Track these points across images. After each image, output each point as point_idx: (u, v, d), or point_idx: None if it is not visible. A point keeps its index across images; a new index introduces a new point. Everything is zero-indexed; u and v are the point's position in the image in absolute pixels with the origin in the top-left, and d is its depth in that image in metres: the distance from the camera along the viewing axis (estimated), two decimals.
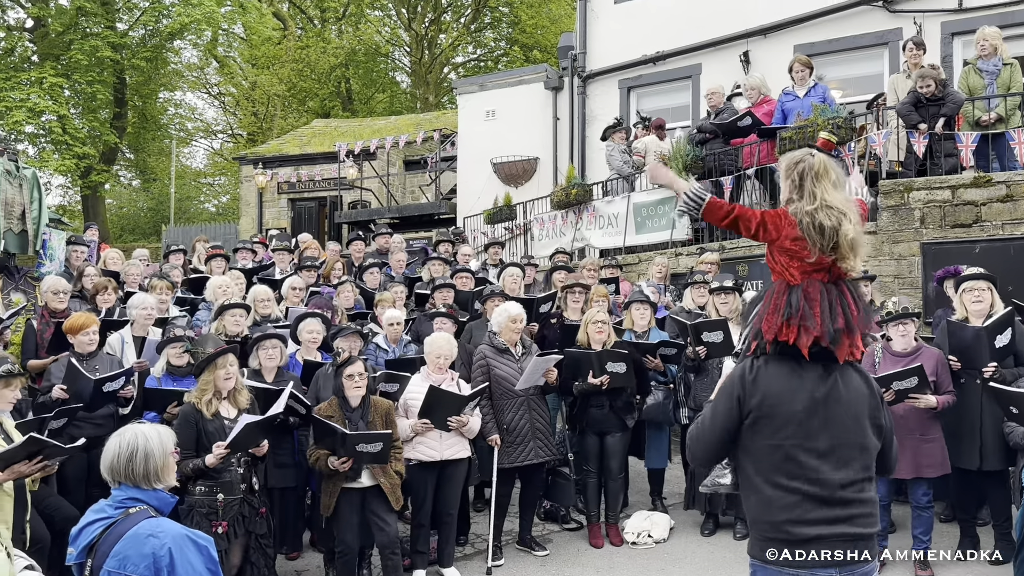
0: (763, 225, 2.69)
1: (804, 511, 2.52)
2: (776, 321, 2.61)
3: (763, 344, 2.65)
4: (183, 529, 2.80)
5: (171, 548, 2.70)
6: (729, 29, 12.60)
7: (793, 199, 2.72)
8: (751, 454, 2.64)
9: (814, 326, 2.56)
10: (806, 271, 2.64)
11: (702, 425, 2.76)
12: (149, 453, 2.88)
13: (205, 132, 38.16)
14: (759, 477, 2.61)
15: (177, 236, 21.70)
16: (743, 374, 2.67)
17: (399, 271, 9.60)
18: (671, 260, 9.80)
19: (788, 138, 8.80)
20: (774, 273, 2.75)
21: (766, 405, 2.59)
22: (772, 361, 2.65)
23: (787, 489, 2.55)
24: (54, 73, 23.46)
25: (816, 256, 2.62)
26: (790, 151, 8.53)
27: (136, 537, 2.72)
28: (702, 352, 6.34)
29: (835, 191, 2.69)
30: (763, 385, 2.61)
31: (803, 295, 2.61)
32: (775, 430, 2.58)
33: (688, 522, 6.80)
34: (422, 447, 5.64)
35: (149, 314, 6.42)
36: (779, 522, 2.55)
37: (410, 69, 34.82)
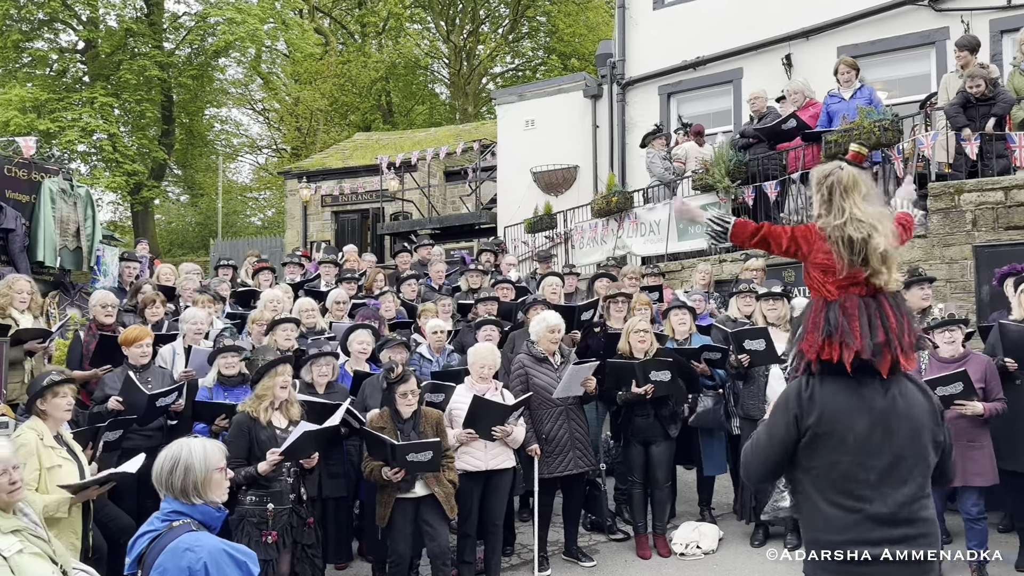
0: (794, 241, 2.67)
1: (864, 531, 2.46)
2: (816, 339, 2.57)
3: (808, 364, 2.60)
4: (222, 544, 2.84)
5: (206, 562, 2.74)
6: (771, 32, 12.45)
7: (822, 214, 2.68)
8: (809, 473, 2.58)
9: (853, 341, 2.50)
10: (842, 285, 2.59)
11: (757, 444, 2.70)
12: (189, 467, 2.92)
13: (250, 147, 38.90)
14: (818, 496, 2.55)
15: (224, 250, 22.13)
16: (799, 392, 2.60)
17: (439, 282, 9.66)
18: (715, 267, 9.70)
19: (834, 141, 8.67)
20: (811, 290, 2.71)
21: (824, 423, 2.53)
22: (827, 378, 2.58)
23: (847, 508, 2.49)
24: (104, 93, 24.15)
25: (847, 271, 2.57)
26: (836, 155, 8.45)
27: (175, 550, 2.77)
28: (744, 360, 6.25)
29: (865, 204, 2.64)
30: (820, 403, 2.55)
31: (840, 310, 2.56)
32: (834, 448, 2.52)
33: (737, 532, 6.70)
34: (467, 457, 5.65)
35: (199, 328, 6.55)
36: (839, 542, 2.49)
37: (449, 81, 35.10)
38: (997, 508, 6.17)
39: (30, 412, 4.61)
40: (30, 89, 23.36)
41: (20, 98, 22.48)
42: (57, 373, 4.73)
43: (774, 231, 2.73)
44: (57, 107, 23.35)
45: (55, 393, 4.54)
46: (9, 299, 6.07)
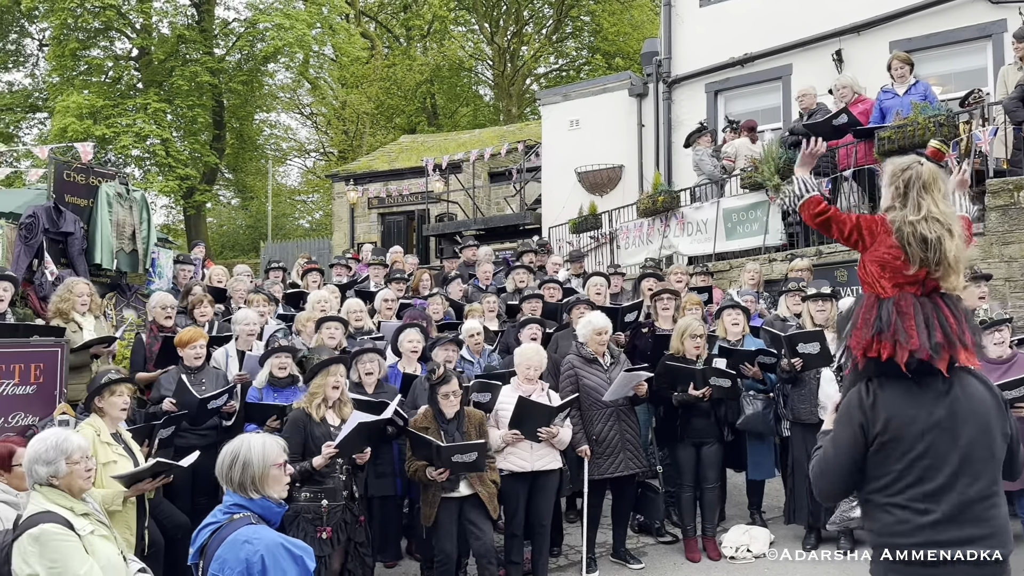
0: (858, 230, 2.60)
1: (935, 533, 2.41)
2: (865, 336, 2.50)
3: (869, 364, 2.53)
4: (280, 538, 2.91)
5: (264, 555, 2.80)
6: (820, 28, 12.24)
7: (895, 207, 2.60)
8: (880, 479, 2.52)
9: (908, 340, 2.44)
10: (898, 283, 2.53)
11: (825, 460, 2.61)
12: (247, 463, 3.02)
13: (299, 151, 39.55)
14: (887, 502, 2.50)
15: (274, 252, 22.52)
16: (860, 400, 2.54)
17: (486, 282, 9.69)
18: (764, 266, 9.55)
19: (887, 138, 8.48)
20: (864, 285, 2.63)
21: (891, 429, 2.47)
22: (887, 382, 2.52)
23: (916, 511, 2.44)
24: (157, 99, 24.78)
25: (915, 269, 2.50)
26: (890, 151, 8.26)
27: (234, 542, 2.85)
28: (798, 364, 6.13)
29: (943, 204, 2.56)
30: (884, 409, 2.49)
31: (894, 308, 2.49)
32: (903, 453, 2.47)
33: (788, 536, 6.60)
34: (513, 458, 5.65)
35: (252, 329, 6.66)
36: (910, 544, 2.44)
37: (493, 82, 35.21)
38: None
39: (88, 410, 4.75)
40: (87, 96, 24.07)
41: (77, 105, 23.18)
42: (115, 372, 4.87)
43: (839, 216, 2.65)
44: (112, 113, 24.02)
45: (112, 391, 4.70)
46: (71, 303, 6.24)
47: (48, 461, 3.37)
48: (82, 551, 3.26)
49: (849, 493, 2.68)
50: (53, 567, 3.16)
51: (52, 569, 3.16)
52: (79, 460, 3.46)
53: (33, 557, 3.17)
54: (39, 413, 5.20)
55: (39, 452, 3.38)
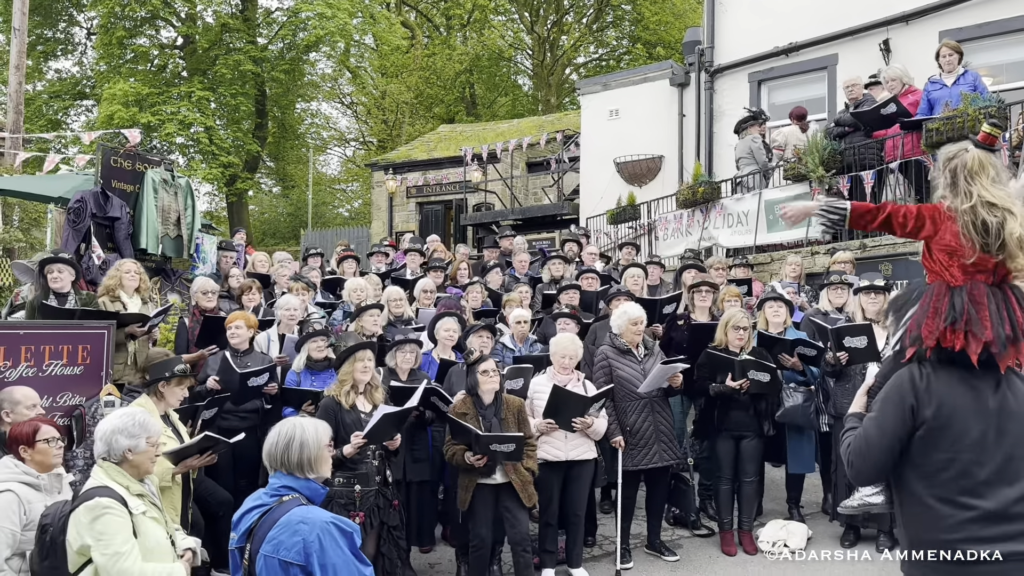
0: (921, 220, 2.53)
1: (977, 529, 2.36)
2: (937, 325, 2.43)
3: (923, 351, 2.47)
4: (330, 516, 2.95)
5: (319, 535, 2.84)
6: (868, 17, 11.96)
7: (947, 196, 2.56)
8: (920, 468, 2.46)
9: (982, 332, 2.38)
10: (968, 271, 2.47)
11: (867, 441, 2.53)
12: (304, 443, 3.06)
13: (339, 140, 39.88)
14: (928, 494, 2.44)
15: (314, 240, 22.76)
16: (913, 382, 2.48)
17: (522, 272, 9.69)
18: (806, 259, 9.41)
19: (935, 129, 8.29)
20: (931, 273, 2.57)
21: (942, 415, 2.42)
22: (940, 368, 2.47)
23: (959, 505, 2.39)
24: (201, 87, 25.15)
25: (976, 256, 2.44)
26: (938, 143, 8.07)
27: (288, 524, 2.87)
28: (843, 358, 6.03)
29: (994, 187, 2.50)
30: (937, 394, 2.44)
31: (968, 298, 2.43)
32: (951, 442, 2.41)
33: (827, 533, 6.52)
34: (548, 447, 5.66)
35: (292, 315, 6.76)
36: (950, 541, 2.39)
37: (532, 72, 35.10)
38: None
39: (151, 392, 4.86)
40: (132, 84, 24.51)
41: (123, 92, 23.62)
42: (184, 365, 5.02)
43: (898, 211, 2.58)
44: (157, 101, 24.41)
45: (180, 382, 4.88)
46: (118, 280, 6.37)
47: (132, 435, 3.48)
48: (129, 529, 3.34)
49: (884, 476, 2.61)
50: (100, 539, 3.26)
51: (99, 541, 3.26)
52: (156, 443, 3.61)
53: (84, 528, 3.27)
54: (86, 394, 5.32)
55: (125, 425, 3.49)
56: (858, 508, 2.73)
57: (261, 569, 2.87)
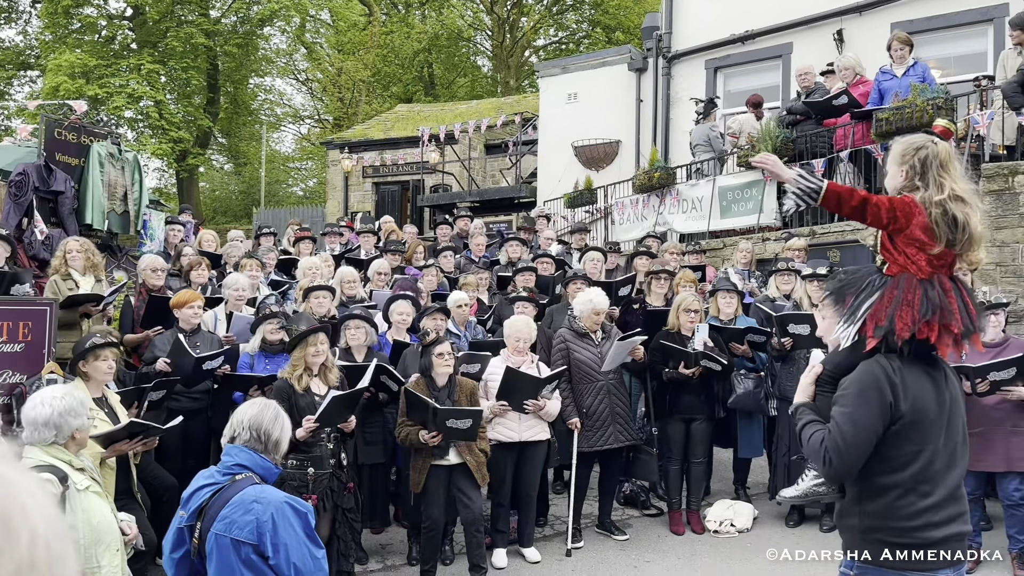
0: (892, 213, 2.49)
1: (934, 513, 2.45)
2: (913, 317, 2.43)
3: (893, 343, 2.47)
4: (285, 496, 2.93)
5: (274, 514, 2.82)
6: (822, 7, 12.14)
7: (917, 187, 2.55)
8: (889, 461, 2.49)
9: (956, 323, 2.43)
10: (934, 264, 2.49)
11: (843, 439, 2.48)
12: (285, 426, 3.11)
13: (293, 117, 39.17)
14: (894, 485, 2.48)
15: (267, 219, 22.39)
16: (889, 377, 2.48)
17: (479, 254, 9.67)
18: (757, 245, 9.55)
19: (885, 119, 8.45)
20: (892, 264, 2.55)
21: (916, 409, 2.47)
22: (907, 362, 2.50)
23: (922, 494, 2.45)
24: (151, 60, 24.47)
25: (941, 248, 2.47)
26: (887, 133, 8.23)
27: (242, 502, 2.85)
28: (788, 344, 6.18)
29: (962, 182, 2.54)
30: (910, 388, 2.48)
31: (941, 290, 2.46)
32: (921, 435, 2.47)
33: (772, 512, 6.67)
34: (501, 428, 5.69)
35: (240, 294, 6.64)
36: (913, 527, 2.45)
37: (491, 53, 34.88)
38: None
39: (74, 373, 4.73)
40: (79, 55, 23.74)
41: (69, 64, 22.88)
42: (100, 336, 4.83)
43: (872, 199, 2.51)
44: (105, 73, 23.71)
45: (96, 356, 4.66)
46: (61, 260, 6.20)
47: (78, 413, 3.43)
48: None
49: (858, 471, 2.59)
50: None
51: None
52: (92, 416, 3.63)
53: None
54: (27, 372, 5.18)
55: (71, 405, 3.41)
56: (804, 497, 2.73)
57: (211, 547, 2.84)
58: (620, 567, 5.73)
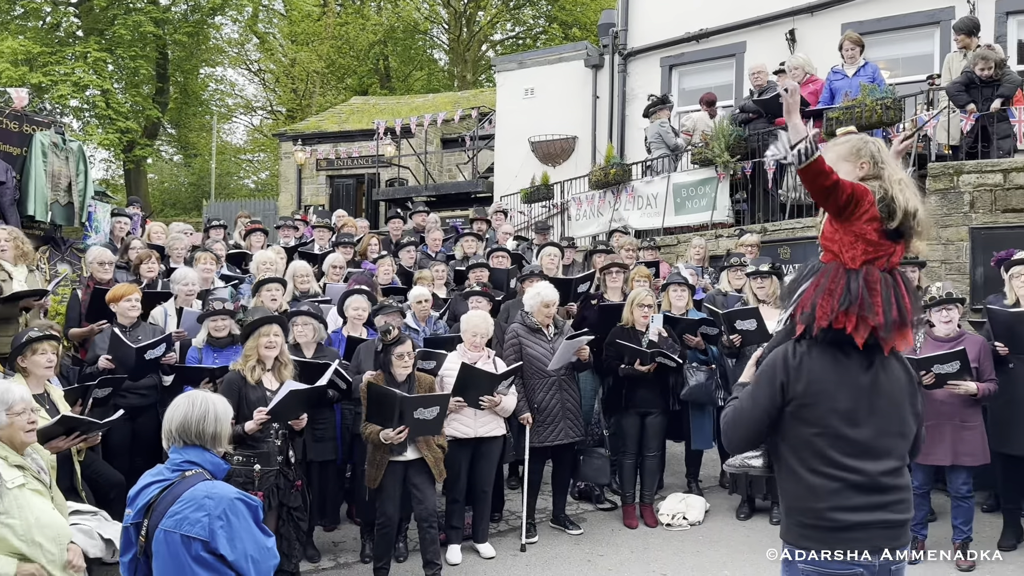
0: (854, 196, 2.52)
1: (845, 498, 2.49)
2: (832, 306, 2.50)
3: (812, 329, 2.55)
4: (235, 492, 2.88)
5: (226, 509, 2.77)
6: (775, 7, 12.33)
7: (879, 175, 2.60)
8: (790, 441, 2.59)
9: (874, 316, 2.47)
10: (868, 256, 2.54)
11: (740, 410, 2.66)
12: (218, 416, 3.01)
13: (245, 108, 38.53)
14: (799, 465, 2.56)
15: (217, 211, 21.97)
16: (787, 359, 2.58)
17: (435, 249, 9.62)
18: (710, 242, 9.67)
19: (836, 118, 8.61)
20: (827, 252, 2.61)
21: (810, 393, 2.53)
22: (815, 347, 2.57)
23: (828, 476, 2.51)
24: (98, 48, 23.83)
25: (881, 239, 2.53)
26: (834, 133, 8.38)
27: (193, 498, 2.79)
28: (736, 340, 6.26)
29: (902, 172, 2.62)
30: (807, 371, 2.54)
31: (864, 283, 2.50)
32: (818, 418, 2.53)
33: (724, 505, 6.76)
34: (457, 424, 5.66)
35: (191, 289, 6.50)
36: (819, 509, 2.52)
37: (448, 47, 34.72)
38: (984, 487, 6.23)
39: (13, 368, 4.58)
40: (22, 41, 23.02)
41: (12, 50, 22.16)
42: (38, 329, 4.67)
43: (841, 182, 2.51)
44: (49, 61, 23.04)
45: (34, 350, 4.50)
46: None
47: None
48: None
49: (755, 445, 2.74)
50: None
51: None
52: (21, 411, 3.43)
53: None
54: None
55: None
56: (739, 468, 2.85)
57: (159, 545, 2.78)
58: (574, 561, 5.75)
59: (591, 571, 5.59)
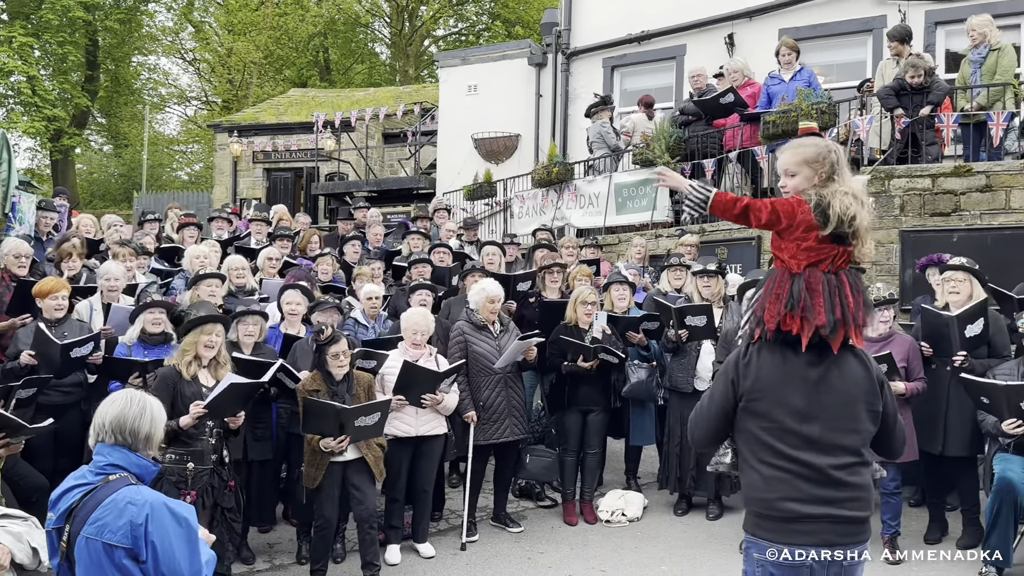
0: (775, 214, 2.67)
1: (795, 489, 2.59)
2: (778, 310, 2.63)
3: (765, 332, 2.67)
4: (163, 498, 2.76)
5: (149, 516, 2.66)
6: (715, 11, 12.53)
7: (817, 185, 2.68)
8: (744, 436, 2.72)
9: (815, 316, 2.58)
10: (812, 260, 2.64)
11: (701, 408, 2.84)
12: (154, 417, 2.89)
13: (179, 98, 37.50)
14: (752, 457, 2.69)
15: (149, 203, 21.34)
16: (738, 359, 2.74)
17: (376, 245, 9.52)
18: (651, 242, 9.78)
19: (772, 122, 8.78)
20: (777, 260, 2.75)
21: (757, 389, 2.65)
22: (766, 347, 2.69)
23: (778, 468, 2.61)
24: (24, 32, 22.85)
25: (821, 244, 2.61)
26: (774, 136, 8.56)
27: (115, 504, 2.67)
28: (684, 335, 6.34)
29: (852, 180, 2.70)
30: (755, 369, 2.67)
31: (805, 285, 2.62)
32: (766, 413, 2.64)
33: (661, 502, 6.84)
34: (398, 422, 5.59)
35: (115, 284, 6.26)
36: (771, 499, 2.62)
37: (390, 41, 34.39)
38: (911, 483, 6.43)
39: None
40: None
41: None
42: None
43: (755, 204, 2.72)
44: None
45: None
46: None
47: None
48: None
49: (716, 442, 2.89)
50: None
51: None
52: None
53: None
54: None
55: None
56: (713, 468, 2.99)
57: (81, 552, 2.65)
58: (514, 559, 5.74)
59: (531, 569, 5.59)
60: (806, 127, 8.10)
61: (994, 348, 5.72)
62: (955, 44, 9.84)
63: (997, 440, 5.33)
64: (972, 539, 5.59)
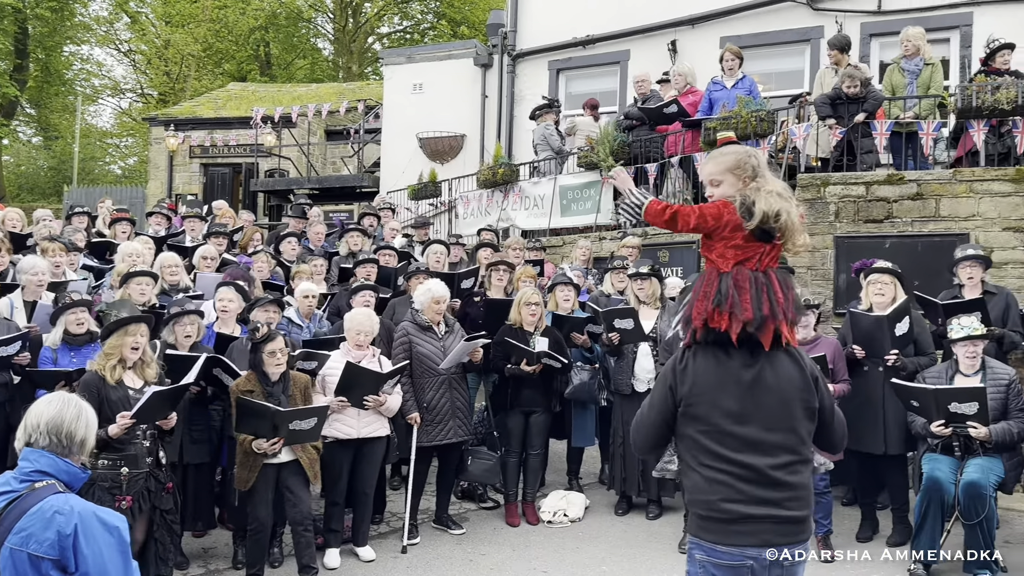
0: (702, 218, 2.73)
1: (735, 490, 2.60)
2: (706, 308, 2.67)
3: (695, 333, 2.71)
4: (92, 507, 2.65)
5: (78, 526, 2.55)
6: (658, 17, 12.69)
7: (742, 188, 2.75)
8: (684, 440, 2.74)
9: (742, 312, 2.61)
10: (739, 258, 2.69)
11: (641, 415, 2.86)
12: (89, 423, 2.81)
13: (113, 90, 36.37)
14: (693, 461, 2.70)
15: (80, 197, 20.60)
16: (675, 364, 2.77)
17: (317, 244, 9.35)
18: (595, 244, 9.84)
19: (713, 128, 8.92)
20: (708, 262, 2.79)
21: (694, 394, 2.68)
22: (700, 351, 2.72)
23: (718, 470, 2.63)
24: None
25: (748, 243, 2.67)
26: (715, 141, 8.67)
27: (41, 513, 2.56)
28: (615, 338, 6.39)
29: (776, 181, 2.77)
30: (692, 375, 2.70)
31: (732, 282, 2.66)
32: (704, 416, 2.66)
33: (603, 502, 6.88)
34: (339, 424, 5.51)
35: (40, 280, 6.00)
36: (712, 501, 2.63)
37: (333, 36, 33.96)
38: (842, 483, 6.60)
39: None
40: None
41: None
42: None
43: (683, 210, 2.79)
44: None
45: None
46: None
47: None
48: None
49: (658, 448, 2.93)
50: None
51: None
52: None
53: None
54: None
55: None
56: (659, 473, 3.00)
57: (6, 563, 2.54)
58: (456, 562, 5.70)
59: (473, 571, 5.56)
60: (724, 137, 8.20)
61: (920, 346, 5.95)
62: (888, 55, 10.12)
63: (926, 441, 5.51)
64: (902, 537, 5.77)
